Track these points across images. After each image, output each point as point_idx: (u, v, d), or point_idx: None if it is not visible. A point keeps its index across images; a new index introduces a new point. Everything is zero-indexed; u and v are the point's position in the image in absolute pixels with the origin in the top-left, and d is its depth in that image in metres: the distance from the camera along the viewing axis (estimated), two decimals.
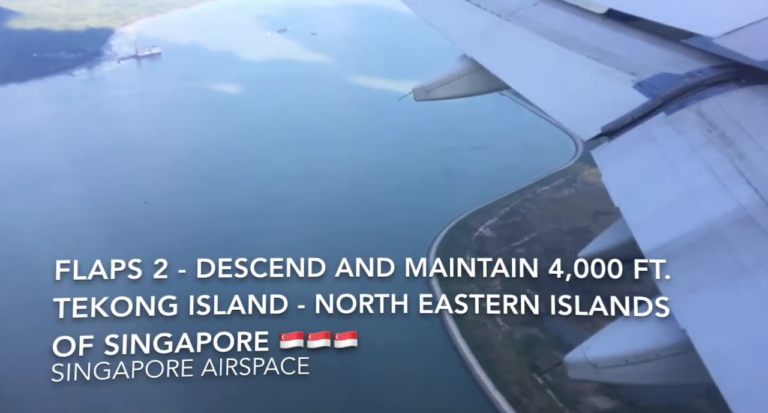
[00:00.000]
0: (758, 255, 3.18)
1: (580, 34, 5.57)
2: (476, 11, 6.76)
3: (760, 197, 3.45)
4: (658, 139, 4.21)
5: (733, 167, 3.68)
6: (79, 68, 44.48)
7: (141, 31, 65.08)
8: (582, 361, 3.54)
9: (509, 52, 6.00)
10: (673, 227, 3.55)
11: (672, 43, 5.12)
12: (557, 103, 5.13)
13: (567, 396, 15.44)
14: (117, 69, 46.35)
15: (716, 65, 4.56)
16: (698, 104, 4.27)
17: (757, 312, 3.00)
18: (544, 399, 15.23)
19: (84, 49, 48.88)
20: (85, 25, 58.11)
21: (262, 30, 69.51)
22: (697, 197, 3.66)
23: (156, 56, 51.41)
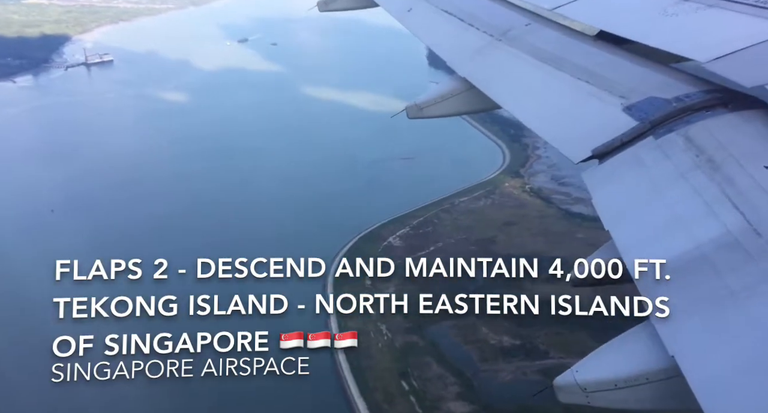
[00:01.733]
0: (746, 280, 3.16)
1: (572, 55, 5.59)
2: (469, 31, 6.77)
3: (747, 223, 3.42)
4: (646, 163, 4.22)
5: (721, 191, 3.66)
6: (23, 75, 43.80)
7: (98, 39, 64.43)
8: (571, 384, 3.47)
9: (501, 72, 6.00)
10: (661, 251, 3.56)
11: (662, 66, 5.16)
12: (548, 124, 5.13)
13: (428, 402, 15.61)
14: (63, 76, 45.79)
15: (705, 90, 4.58)
16: (686, 128, 4.28)
17: (745, 338, 2.97)
18: (405, 405, 15.37)
19: (33, 56, 48.20)
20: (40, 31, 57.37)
21: (223, 40, 69.29)
22: (685, 222, 3.65)
23: (107, 64, 50.91)
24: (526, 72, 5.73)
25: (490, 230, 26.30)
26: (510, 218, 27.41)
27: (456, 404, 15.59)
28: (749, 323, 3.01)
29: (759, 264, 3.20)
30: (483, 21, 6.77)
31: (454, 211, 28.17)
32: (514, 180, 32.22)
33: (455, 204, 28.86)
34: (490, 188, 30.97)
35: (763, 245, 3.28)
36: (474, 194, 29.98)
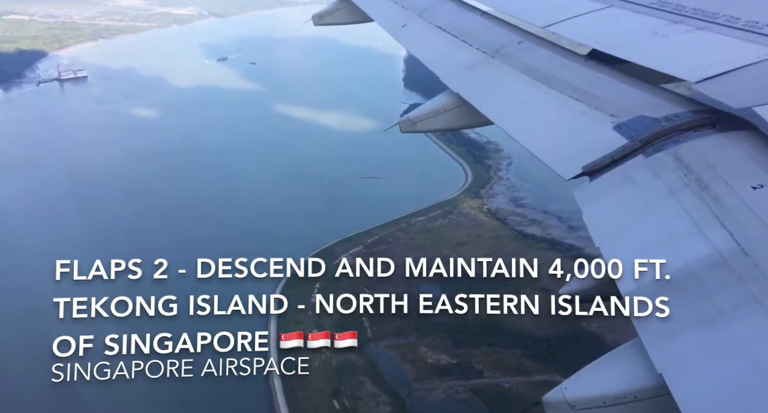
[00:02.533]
0: (733, 300, 3.15)
1: (563, 74, 5.59)
2: (463, 48, 6.78)
3: (734, 242, 3.42)
4: (636, 181, 4.23)
5: (709, 211, 3.66)
6: None
7: (76, 55, 64.27)
8: (560, 401, 3.44)
9: (493, 89, 6.02)
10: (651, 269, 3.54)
11: (652, 86, 5.17)
12: (539, 142, 5.11)
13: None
14: (35, 91, 45.51)
15: (694, 110, 4.59)
16: (675, 147, 4.30)
17: (733, 357, 2.96)
18: None
19: (6, 71, 47.91)
20: (16, 47, 57.16)
21: (202, 58, 69.43)
22: (673, 240, 3.65)
23: (81, 80, 50.72)
24: (518, 89, 5.78)
25: (443, 250, 26.31)
26: (464, 239, 27.48)
27: None
28: (737, 342, 3.01)
29: (746, 284, 3.20)
30: (476, 38, 6.83)
31: (410, 230, 28.19)
32: (473, 201, 32.37)
33: (412, 223, 28.90)
34: (449, 207, 31.08)
35: (750, 265, 3.28)
36: (432, 214, 30.06)
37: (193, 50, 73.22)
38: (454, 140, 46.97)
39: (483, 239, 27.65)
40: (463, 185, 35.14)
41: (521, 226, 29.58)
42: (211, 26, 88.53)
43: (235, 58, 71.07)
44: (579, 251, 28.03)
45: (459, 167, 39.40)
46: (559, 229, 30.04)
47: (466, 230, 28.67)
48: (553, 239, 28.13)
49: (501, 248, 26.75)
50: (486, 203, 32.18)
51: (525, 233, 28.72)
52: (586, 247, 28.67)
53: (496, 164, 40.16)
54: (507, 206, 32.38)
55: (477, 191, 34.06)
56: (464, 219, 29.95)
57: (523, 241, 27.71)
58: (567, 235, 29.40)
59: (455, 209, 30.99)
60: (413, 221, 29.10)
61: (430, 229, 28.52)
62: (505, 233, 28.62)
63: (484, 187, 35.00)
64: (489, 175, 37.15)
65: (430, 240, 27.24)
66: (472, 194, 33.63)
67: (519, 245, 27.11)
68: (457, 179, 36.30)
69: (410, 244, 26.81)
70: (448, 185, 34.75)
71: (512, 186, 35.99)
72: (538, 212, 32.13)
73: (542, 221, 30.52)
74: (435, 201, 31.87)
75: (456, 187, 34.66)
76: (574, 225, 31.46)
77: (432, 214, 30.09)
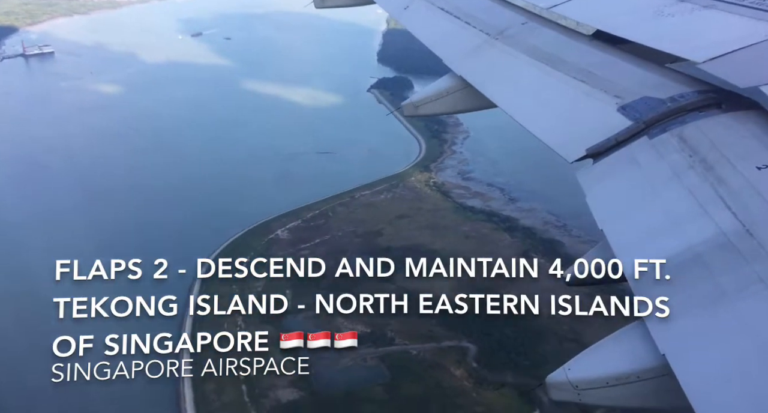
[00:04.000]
0: (738, 281, 3.11)
1: (568, 55, 5.45)
2: (466, 29, 6.59)
3: (739, 223, 3.36)
4: (641, 162, 4.14)
5: (714, 192, 3.61)
6: None
7: (47, 31, 63.13)
8: (563, 382, 3.43)
9: (497, 71, 5.84)
10: (655, 251, 3.47)
11: (657, 66, 5.01)
12: (543, 124, 4.99)
13: (258, 390, 15.74)
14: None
15: (699, 90, 4.46)
16: (680, 128, 4.19)
17: (736, 338, 2.92)
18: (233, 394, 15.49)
19: None
20: None
21: (176, 33, 68.42)
22: (678, 222, 3.57)
23: (47, 56, 49.98)
24: (522, 71, 5.63)
25: (380, 223, 26.45)
26: (404, 212, 27.58)
27: (285, 391, 15.73)
28: (741, 323, 2.98)
29: (751, 265, 3.16)
30: (479, 19, 6.65)
31: (353, 204, 28.26)
32: (421, 174, 32.38)
33: (356, 197, 28.95)
34: (396, 181, 31.10)
35: (755, 246, 3.24)
36: (377, 188, 30.09)
37: (169, 25, 71.94)
38: None
39: (422, 212, 27.76)
40: (415, 159, 35.10)
41: (463, 198, 29.67)
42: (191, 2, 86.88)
43: (211, 33, 69.86)
44: (514, 223, 28.21)
45: (415, 142, 39.29)
46: (500, 201, 30.15)
47: (408, 203, 28.76)
48: (491, 211, 28.25)
49: (438, 221, 26.89)
50: (433, 177, 32.21)
51: (465, 205, 28.82)
52: (521, 218, 28.85)
53: (453, 138, 40.04)
54: (454, 179, 32.42)
55: (427, 165, 34.04)
56: (408, 192, 30.01)
57: (461, 213, 27.84)
58: (505, 207, 29.52)
59: (401, 183, 31.01)
60: (357, 196, 29.14)
61: (372, 203, 28.59)
62: (445, 205, 28.72)
63: (436, 161, 34.97)
64: (443, 149, 37.08)
65: (370, 214, 27.33)
66: (422, 167, 33.62)
67: (456, 218, 27.25)
68: (411, 153, 36.20)
69: (349, 218, 26.90)
70: (401, 160, 34.68)
71: (464, 160, 35.97)
72: (483, 184, 32.20)
73: (485, 194, 30.61)
74: (384, 175, 31.87)
75: (407, 161, 34.60)
76: (515, 197, 31.63)
77: (378, 188, 30.12)
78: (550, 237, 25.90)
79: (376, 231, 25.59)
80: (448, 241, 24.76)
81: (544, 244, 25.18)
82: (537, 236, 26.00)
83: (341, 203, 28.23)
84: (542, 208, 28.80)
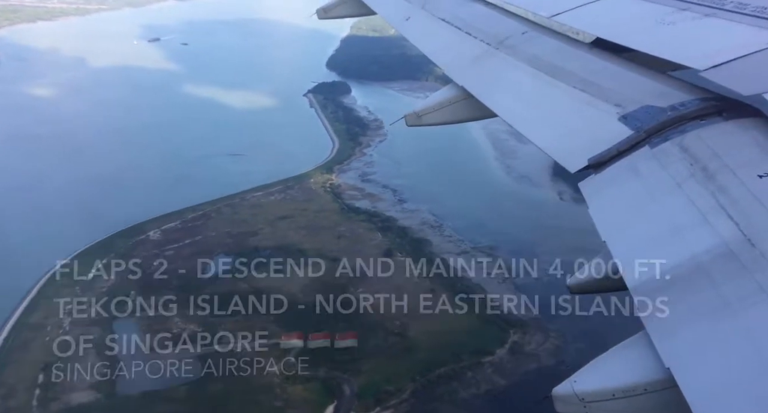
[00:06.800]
0: (740, 291, 2.98)
1: (568, 64, 5.27)
2: (467, 40, 6.36)
3: (740, 232, 3.25)
4: (642, 172, 3.99)
5: (715, 201, 3.47)
6: None
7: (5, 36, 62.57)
8: (569, 395, 3.21)
9: (497, 81, 5.66)
10: (657, 262, 3.35)
11: (659, 74, 4.83)
12: (545, 134, 4.79)
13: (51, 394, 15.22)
14: None
15: (700, 98, 4.31)
16: (681, 137, 4.04)
17: (740, 349, 2.82)
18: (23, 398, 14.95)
19: None
20: None
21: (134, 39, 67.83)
22: (680, 232, 3.46)
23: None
24: (523, 81, 5.44)
25: (260, 224, 25.98)
26: (288, 213, 27.12)
27: (82, 394, 15.28)
28: (743, 334, 2.86)
29: (753, 275, 3.02)
30: (480, 29, 6.46)
31: (240, 205, 27.75)
32: (322, 176, 31.93)
33: (246, 198, 28.43)
34: (293, 183, 30.61)
35: (756, 256, 3.11)
36: (272, 189, 29.58)
37: (131, 32, 71.29)
38: (342, 117, 46.35)
39: (306, 213, 27.31)
40: (323, 160, 34.66)
41: (353, 200, 29.24)
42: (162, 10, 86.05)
43: (168, 39, 69.33)
44: (392, 223, 27.73)
45: (330, 143, 38.88)
46: (388, 203, 29.71)
47: (296, 204, 28.30)
48: (375, 212, 27.84)
49: (318, 222, 26.45)
50: (332, 179, 31.75)
51: (352, 206, 28.39)
52: (401, 219, 28.43)
53: (368, 141, 39.64)
54: (353, 181, 31.99)
55: (332, 167, 33.61)
56: (301, 194, 29.55)
57: (344, 214, 27.41)
58: (391, 208, 29.08)
59: (298, 185, 30.53)
60: (248, 197, 28.63)
61: (260, 204, 28.09)
62: (332, 207, 28.28)
63: (342, 163, 34.55)
64: (353, 152, 36.67)
65: (253, 215, 26.85)
66: (326, 169, 33.16)
67: (337, 219, 26.81)
68: (321, 154, 35.78)
69: (231, 219, 26.40)
70: (308, 161, 34.21)
71: (370, 162, 35.56)
72: (379, 186, 31.77)
73: (377, 195, 30.18)
74: (285, 176, 31.39)
75: (315, 163, 34.16)
76: (404, 198, 31.21)
77: (272, 189, 29.61)
78: (421, 237, 25.53)
79: (252, 232, 25.12)
80: (320, 241, 24.33)
81: (412, 244, 24.82)
82: (408, 236, 25.62)
83: (229, 204, 27.73)
84: (426, 209, 28.43)
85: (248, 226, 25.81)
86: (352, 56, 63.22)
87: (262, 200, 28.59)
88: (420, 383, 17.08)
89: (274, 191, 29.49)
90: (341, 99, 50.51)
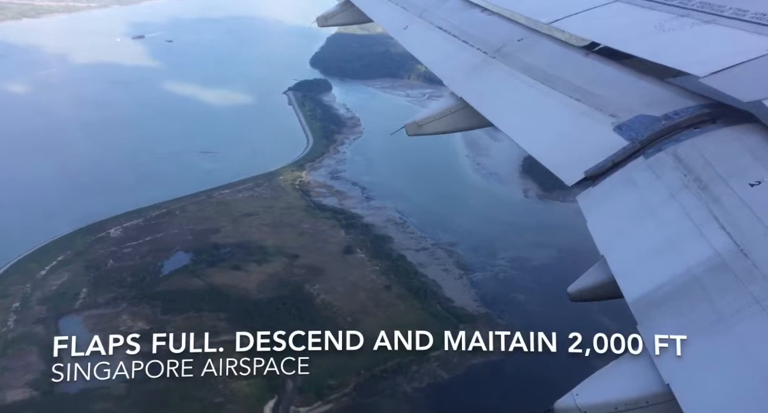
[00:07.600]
0: (735, 304, 3.00)
1: (564, 72, 5.25)
2: (464, 48, 6.40)
3: (734, 243, 3.25)
4: (638, 184, 3.99)
5: (708, 212, 3.47)
6: None
7: None
8: (571, 408, 3.20)
9: (494, 91, 5.68)
10: (653, 275, 3.36)
11: (657, 81, 4.84)
12: (541, 145, 4.78)
13: None
14: None
15: (697, 105, 4.31)
16: (675, 146, 4.05)
17: (736, 363, 2.83)
18: None
19: None
20: None
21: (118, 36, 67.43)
22: (675, 244, 3.47)
23: None
24: (519, 90, 5.44)
25: (223, 221, 25.90)
26: (253, 210, 27.04)
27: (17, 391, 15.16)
28: (739, 348, 2.89)
29: (747, 286, 3.05)
30: (477, 37, 6.47)
31: (206, 203, 27.64)
32: (292, 173, 31.82)
33: (213, 196, 28.33)
34: (263, 180, 30.51)
35: (749, 266, 3.13)
36: (240, 186, 29.49)
37: (116, 29, 70.88)
38: (319, 115, 46.19)
39: (273, 210, 27.23)
40: (295, 158, 34.55)
41: (320, 197, 29.17)
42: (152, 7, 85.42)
43: (153, 36, 68.95)
44: (356, 220, 27.73)
45: (305, 141, 38.75)
46: (355, 200, 29.68)
47: (263, 201, 28.21)
48: (341, 209, 27.78)
49: (282, 220, 26.38)
50: (302, 176, 31.65)
51: (319, 204, 28.32)
52: (366, 216, 28.39)
53: (343, 138, 39.47)
54: (323, 178, 31.90)
55: (303, 164, 33.50)
56: (269, 191, 29.46)
57: (309, 212, 27.35)
58: (358, 205, 29.06)
59: (267, 182, 30.43)
60: (215, 194, 28.53)
61: (226, 201, 28.00)
62: (299, 204, 28.21)
63: (314, 160, 34.44)
64: (327, 149, 36.55)
65: (218, 212, 26.75)
66: (298, 166, 33.05)
67: (301, 216, 26.76)
68: (295, 152, 35.66)
69: (195, 216, 26.30)
70: (281, 158, 34.08)
71: (342, 160, 35.45)
72: (348, 184, 31.70)
73: (345, 193, 30.13)
74: (255, 174, 31.28)
75: (287, 160, 34.04)
76: (372, 195, 31.17)
77: (240, 186, 29.52)
78: (384, 234, 25.49)
79: (215, 229, 25.02)
80: (282, 238, 24.26)
81: (374, 241, 24.77)
82: (371, 232, 25.58)
83: (195, 201, 27.62)
84: (392, 206, 28.40)
85: (211, 223, 25.72)
86: (335, 54, 62.99)
87: (228, 198, 28.50)
88: (364, 377, 17.08)
89: (242, 189, 29.40)
90: (321, 97, 50.32)
